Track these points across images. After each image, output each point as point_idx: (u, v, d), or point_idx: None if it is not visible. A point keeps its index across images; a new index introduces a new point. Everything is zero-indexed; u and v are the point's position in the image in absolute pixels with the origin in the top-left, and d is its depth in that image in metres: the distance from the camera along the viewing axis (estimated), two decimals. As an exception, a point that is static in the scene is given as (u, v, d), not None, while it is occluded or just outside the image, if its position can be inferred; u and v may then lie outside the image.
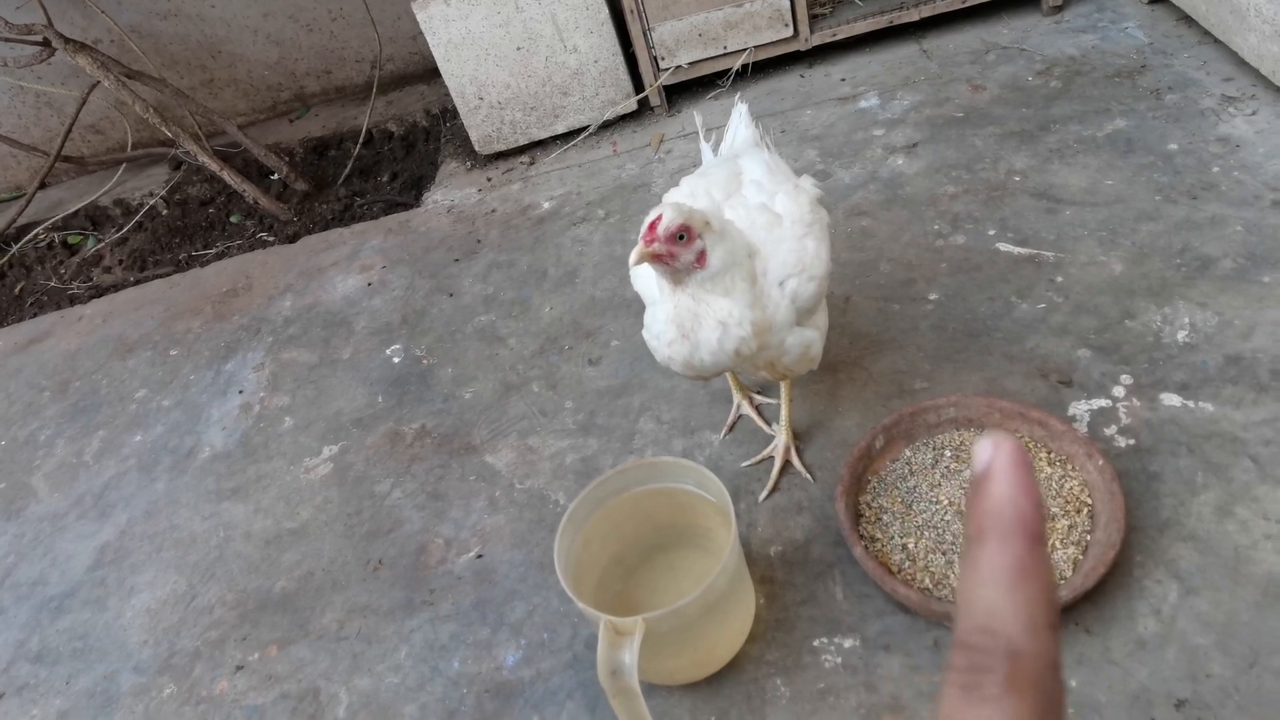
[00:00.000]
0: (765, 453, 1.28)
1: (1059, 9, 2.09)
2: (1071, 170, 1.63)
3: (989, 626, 0.23)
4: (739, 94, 1.32)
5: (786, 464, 1.25)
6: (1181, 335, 1.27)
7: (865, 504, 1.14)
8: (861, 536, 1.10)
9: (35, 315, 2.26)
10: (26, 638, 1.39)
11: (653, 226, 0.99)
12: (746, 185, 1.15)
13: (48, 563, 1.51)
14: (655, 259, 0.99)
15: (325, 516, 1.43)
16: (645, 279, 1.14)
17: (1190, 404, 1.18)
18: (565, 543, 1.03)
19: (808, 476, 1.24)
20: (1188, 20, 1.90)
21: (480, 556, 1.29)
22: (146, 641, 1.32)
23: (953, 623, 0.84)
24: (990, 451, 0.25)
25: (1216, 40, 1.79)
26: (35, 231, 2.56)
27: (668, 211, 0.98)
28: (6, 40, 2.12)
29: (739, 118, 1.31)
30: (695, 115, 1.48)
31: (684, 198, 1.14)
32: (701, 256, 1.00)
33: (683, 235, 0.99)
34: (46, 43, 2.13)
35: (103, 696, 1.27)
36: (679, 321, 1.03)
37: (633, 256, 1.00)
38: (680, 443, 1.36)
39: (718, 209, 1.07)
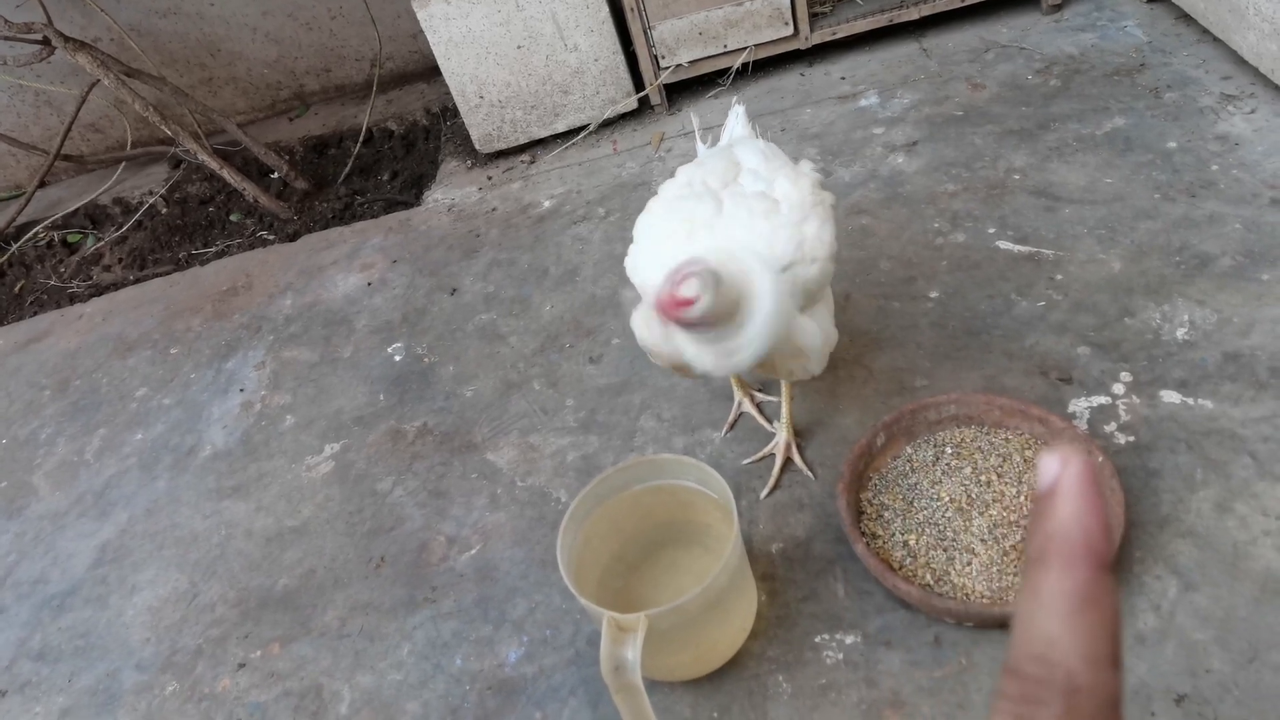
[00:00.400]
0: (766, 450, 1.29)
1: (1058, 8, 2.10)
2: (1070, 168, 1.63)
3: (1047, 656, 0.22)
4: (736, 96, 1.33)
5: (788, 461, 1.26)
6: (1180, 333, 1.28)
7: (866, 501, 1.15)
8: (863, 533, 1.11)
9: (35, 314, 2.26)
10: (28, 636, 1.40)
11: (677, 303, 0.89)
12: (744, 174, 1.13)
13: (49, 561, 1.52)
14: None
15: (327, 514, 1.43)
16: (644, 270, 1.13)
17: (1189, 401, 1.19)
18: (567, 540, 1.03)
19: (809, 473, 1.24)
20: (1186, 19, 1.91)
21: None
22: (148, 639, 1.33)
23: (952, 618, 0.84)
24: (1057, 468, 0.24)
25: (1215, 39, 1.80)
26: (35, 230, 2.56)
27: (704, 299, 0.89)
28: (6, 39, 2.11)
29: (735, 119, 1.32)
30: (693, 116, 1.48)
31: (680, 187, 1.13)
32: (708, 318, 0.98)
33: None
34: (46, 41, 2.13)
35: (105, 694, 1.27)
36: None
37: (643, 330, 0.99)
38: (681, 440, 1.36)
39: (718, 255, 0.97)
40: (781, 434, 1.26)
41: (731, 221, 1.05)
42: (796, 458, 1.25)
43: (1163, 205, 1.50)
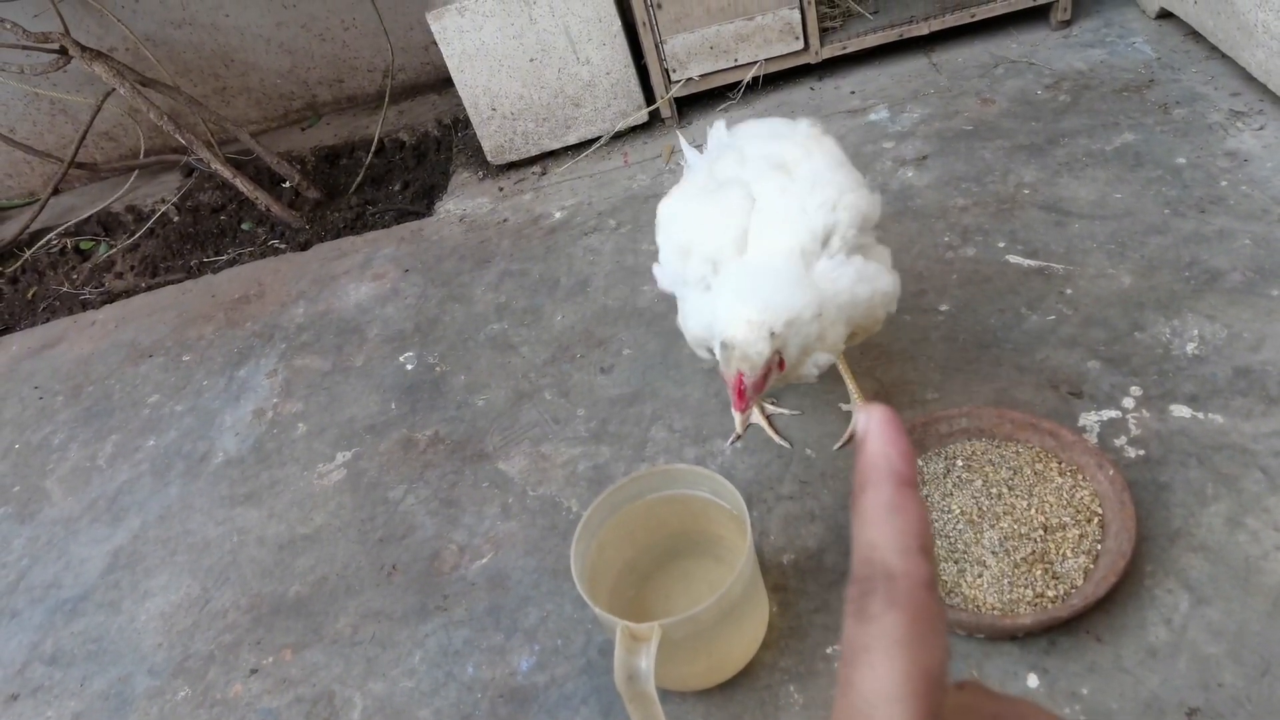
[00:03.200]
0: (851, 429, 1.30)
1: (1067, 24, 2.11)
2: (1080, 183, 1.64)
3: (870, 558, 0.27)
4: (724, 119, 1.32)
5: None
6: (1190, 347, 1.28)
7: (877, 513, 1.15)
8: (874, 545, 1.11)
9: (48, 320, 2.28)
10: (41, 640, 1.40)
11: (740, 392, 0.97)
12: (750, 161, 1.13)
13: (61, 566, 1.52)
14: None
15: (339, 522, 1.44)
16: (669, 275, 1.15)
17: (1200, 415, 1.19)
18: (581, 548, 1.04)
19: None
20: (1195, 36, 1.92)
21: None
22: (161, 644, 1.33)
23: (963, 630, 0.84)
24: (864, 418, 0.29)
25: (1224, 56, 1.81)
26: (48, 237, 2.58)
27: (746, 369, 0.96)
28: (24, 48, 2.14)
29: (716, 134, 1.30)
30: (679, 136, 1.49)
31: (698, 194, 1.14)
32: (780, 364, 1.01)
33: (766, 375, 0.99)
34: (63, 50, 2.16)
35: (117, 699, 1.27)
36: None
37: (738, 429, 1.02)
38: (692, 451, 1.37)
39: (780, 307, 0.98)
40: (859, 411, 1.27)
41: (767, 218, 1.07)
42: None
43: (1173, 220, 1.50)
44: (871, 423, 0.29)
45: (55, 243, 2.57)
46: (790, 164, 1.10)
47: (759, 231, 1.07)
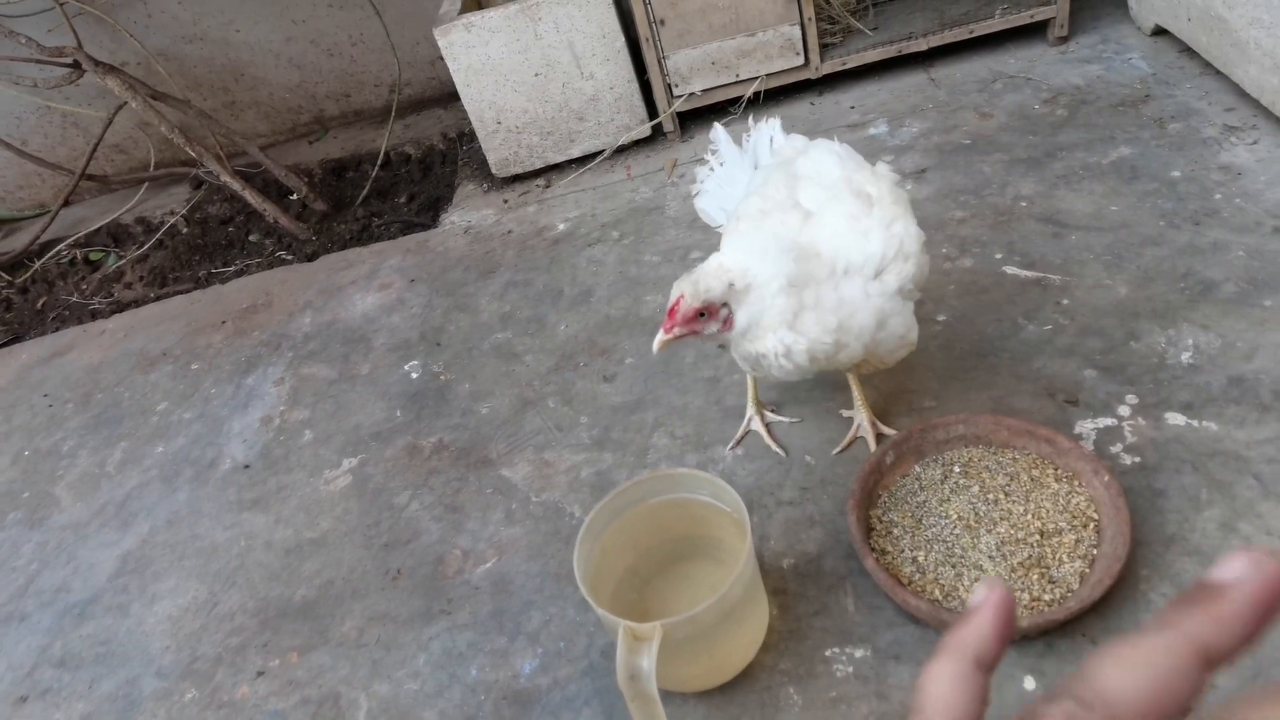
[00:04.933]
0: (850, 435, 1.32)
1: (1064, 40, 2.14)
2: (1077, 196, 1.67)
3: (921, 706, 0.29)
4: (753, 117, 1.37)
5: (879, 435, 1.30)
6: (1185, 357, 1.30)
7: (876, 518, 1.17)
8: (873, 549, 1.13)
9: (57, 329, 2.31)
10: (50, 643, 1.42)
11: (672, 312, 1.03)
12: (802, 184, 1.16)
13: (70, 570, 1.54)
14: (680, 339, 1.04)
15: (345, 527, 1.46)
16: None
17: (1194, 423, 1.21)
18: (584, 551, 1.05)
19: (891, 432, 1.29)
20: (1190, 52, 1.95)
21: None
22: (169, 647, 1.35)
23: None
24: (984, 592, 0.31)
25: (1218, 72, 1.84)
26: (58, 248, 2.61)
27: (686, 296, 1.02)
28: (38, 62, 2.18)
29: (765, 134, 1.35)
30: (718, 129, 1.50)
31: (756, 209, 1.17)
32: (728, 321, 1.04)
33: (703, 313, 1.02)
34: (77, 65, 2.20)
35: (125, 701, 1.29)
36: (753, 363, 1.09)
37: (655, 345, 1.05)
38: (693, 457, 1.39)
39: (744, 260, 1.05)
40: (861, 415, 1.31)
41: (822, 228, 1.10)
42: (883, 427, 1.30)
43: (1168, 232, 1.53)
44: (989, 599, 0.30)
45: (65, 253, 2.60)
46: (874, 198, 1.13)
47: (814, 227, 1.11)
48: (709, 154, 1.48)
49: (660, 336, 1.04)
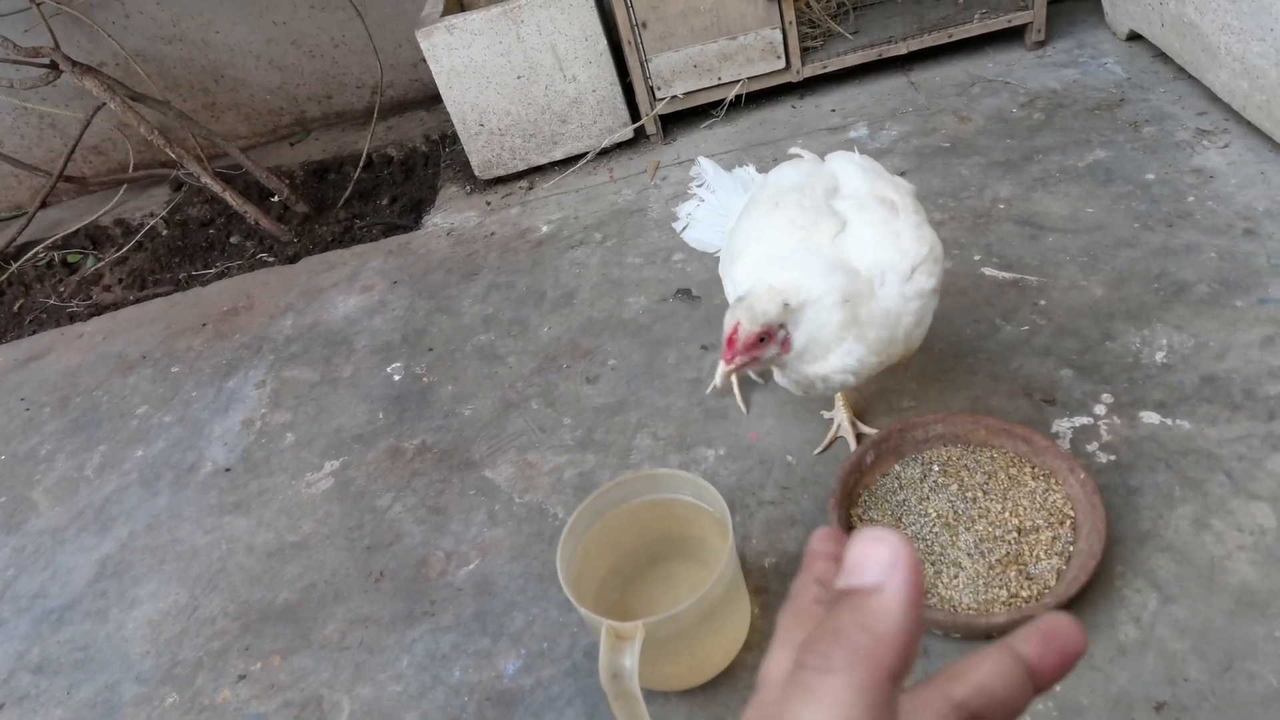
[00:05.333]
0: (830, 435, 1.33)
1: (1041, 44, 2.17)
2: (1054, 198, 1.69)
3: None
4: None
5: (859, 435, 1.31)
6: (1159, 356, 1.33)
7: (856, 517, 1.18)
8: (853, 548, 1.14)
9: (34, 332, 2.28)
10: (27, 649, 1.41)
11: (731, 341, 1.00)
12: (842, 190, 1.18)
13: (48, 575, 1.53)
14: (741, 369, 1.03)
15: (327, 530, 1.45)
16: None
17: (1168, 422, 1.23)
18: (566, 552, 1.06)
19: (870, 431, 1.30)
20: (1163, 57, 1.98)
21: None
22: (148, 652, 1.34)
23: (940, 629, 0.87)
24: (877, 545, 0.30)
25: (1190, 76, 1.87)
26: (35, 250, 2.58)
27: (744, 321, 1.00)
28: (14, 63, 2.16)
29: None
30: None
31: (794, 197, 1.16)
32: (786, 343, 1.04)
33: (763, 338, 1.02)
34: (54, 65, 2.18)
35: (104, 706, 1.28)
36: (806, 386, 1.09)
37: (717, 377, 1.05)
38: (676, 458, 1.39)
39: (798, 276, 1.04)
40: (841, 415, 1.32)
41: (854, 238, 1.11)
42: (863, 427, 1.31)
43: (1142, 234, 1.55)
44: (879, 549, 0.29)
45: (43, 255, 2.58)
46: (897, 205, 1.14)
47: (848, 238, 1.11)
48: (694, 187, 1.49)
49: (721, 368, 1.03)
